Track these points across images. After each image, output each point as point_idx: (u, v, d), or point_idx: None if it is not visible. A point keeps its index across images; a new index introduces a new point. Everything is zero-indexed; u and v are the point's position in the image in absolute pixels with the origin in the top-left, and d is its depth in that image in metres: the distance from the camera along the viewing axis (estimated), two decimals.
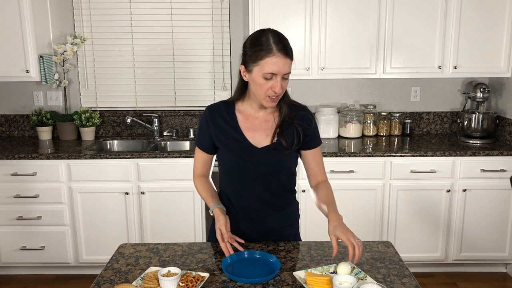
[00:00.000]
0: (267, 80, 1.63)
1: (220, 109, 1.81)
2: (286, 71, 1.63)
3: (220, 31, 3.67)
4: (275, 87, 1.63)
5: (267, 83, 1.64)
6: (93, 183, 3.21)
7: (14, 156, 3.15)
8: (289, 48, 1.64)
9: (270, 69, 1.61)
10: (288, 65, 1.63)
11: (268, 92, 1.65)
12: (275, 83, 1.63)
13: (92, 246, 3.31)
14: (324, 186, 1.81)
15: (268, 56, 1.60)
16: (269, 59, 1.60)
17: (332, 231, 1.58)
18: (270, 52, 1.60)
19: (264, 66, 1.61)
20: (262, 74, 1.62)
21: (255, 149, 1.75)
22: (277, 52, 1.60)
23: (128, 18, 3.65)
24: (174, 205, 3.26)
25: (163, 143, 3.68)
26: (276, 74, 1.62)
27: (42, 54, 3.37)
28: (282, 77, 1.63)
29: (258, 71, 1.63)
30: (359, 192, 3.22)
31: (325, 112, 3.57)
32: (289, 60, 1.63)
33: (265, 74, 1.62)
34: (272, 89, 1.64)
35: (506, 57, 3.32)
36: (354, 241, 1.53)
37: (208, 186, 1.87)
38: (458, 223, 3.26)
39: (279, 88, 1.63)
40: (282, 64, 1.61)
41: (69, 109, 3.75)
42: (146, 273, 1.57)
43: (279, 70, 1.61)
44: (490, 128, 3.47)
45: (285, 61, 1.61)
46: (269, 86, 1.64)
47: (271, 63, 1.60)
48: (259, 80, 1.64)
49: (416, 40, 3.32)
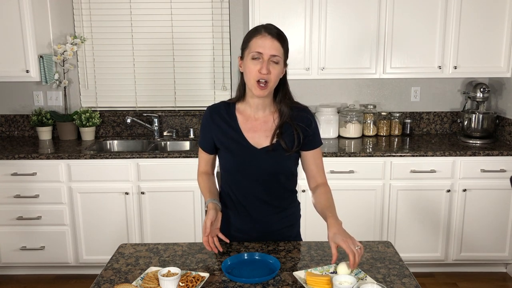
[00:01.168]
0: (255, 62, 1.66)
1: (221, 109, 1.82)
2: (273, 53, 1.65)
3: (220, 31, 3.67)
4: (261, 69, 1.64)
5: (255, 66, 1.66)
6: (93, 183, 3.21)
7: (14, 156, 3.15)
8: (279, 32, 1.68)
9: (256, 48, 1.65)
10: (275, 48, 1.65)
11: (256, 75, 1.66)
12: (262, 65, 1.65)
13: (92, 246, 3.31)
14: (324, 189, 1.80)
15: (255, 36, 1.67)
16: (256, 39, 1.66)
17: (332, 238, 1.57)
18: (257, 33, 1.67)
19: (252, 46, 1.67)
20: (250, 55, 1.66)
21: (255, 150, 1.75)
22: (264, 32, 1.66)
23: (128, 18, 3.64)
24: (174, 205, 3.26)
25: (163, 143, 3.68)
26: (262, 53, 1.64)
27: (42, 54, 3.37)
28: (271, 60, 1.65)
29: (247, 55, 1.68)
30: (359, 192, 3.22)
31: (325, 112, 3.57)
32: (277, 42, 1.66)
33: (253, 54, 1.65)
34: (260, 71, 1.65)
35: (506, 57, 3.32)
36: (355, 249, 1.51)
37: (209, 182, 1.88)
38: (458, 223, 3.26)
39: (265, 69, 1.64)
40: (269, 44, 1.64)
41: (69, 109, 3.75)
42: (146, 273, 1.57)
43: (265, 49, 1.64)
44: (490, 128, 3.47)
45: (272, 42, 1.65)
46: (257, 69, 1.65)
47: (258, 43, 1.65)
48: (249, 64, 1.67)
49: (416, 40, 3.32)
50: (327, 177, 1.87)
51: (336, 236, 1.57)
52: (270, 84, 1.68)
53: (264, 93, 1.69)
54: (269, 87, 1.68)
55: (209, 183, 1.88)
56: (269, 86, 1.68)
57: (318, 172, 1.83)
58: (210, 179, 1.90)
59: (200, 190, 1.89)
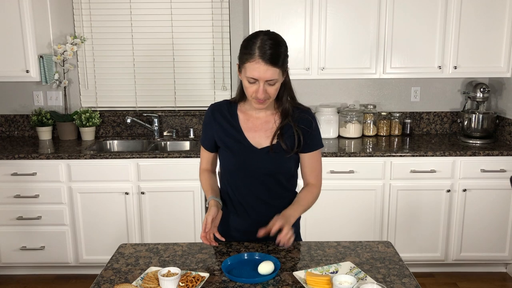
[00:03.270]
0: (251, 84, 1.65)
1: (223, 107, 1.83)
2: (268, 78, 1.61)
3: (220, 31, 3.67)
4: (257, 92, 1.63)
5: (252, 87, 1.65)
6: (93, 183, 3.21)
7: (14, 156, 3.15)
8: (275, 55, 1.60)
9: (251, 74, 1.62)
10: (270, 72, 1.60)
11: (253, 95, 1.66)
12: (258, 88, 1.63)
13: (92, 246, 3.31)
14: (309, 189, 1.84)
15: (249, 61, 1.61)
16: (250, 64, 1.61)
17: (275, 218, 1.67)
18: (251, 57, 1.60)
19: (247, 70, 1.63)
20: (246, 77, 1.64)
21: (255, 149, 1.76)
22: (258, 58, 1.59)
23: (128, 18, 3.64)
24: (174, 205, 3.26)
25: (163, 143, 3.69)
26: (257, 79, 1.62)
27: (42, 54, 3.37)
28: (268, 83, 1.63)
29: (244, 73, 1.66)
30: (359, 192, 3.22)
31: (325, 112, 3.57)
32: (272, 67, 1.60)
33: (248, 78, 1.63)
34: (256, 93, 1.64)
35: (506, 57, 3.32)
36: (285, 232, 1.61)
37: (210, 180, 1.90)
38: (458, 223, 3.26)
39: (261, 93, 1.63)
40: (263, 70, 1.59)
41: (69, 109, 3.75)
42: (146, 273, 1.57)
43: (260, 76, 1.61)
44: (490, 128, 3.47)
45: (267, 68, 1.59)
46: (254, 90, 1.65)
47: (252, 68, 1.61)
48: (245, 82, 1.66)
49: (416, 40, 3.32)
50: (327, 177, 1.88)
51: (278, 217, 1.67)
52: (269, 99, 1.69)
53: (263, 106, 1.71)
54: (268, 101, 1.70)
55: (210, 180, 1.89)
56: (268, 101, 1.69)
57: (312, 174, 1.85)
58: (212, 177, 1.92)
59: (202, 187, 1.91)
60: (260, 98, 1.65)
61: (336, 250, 1.76)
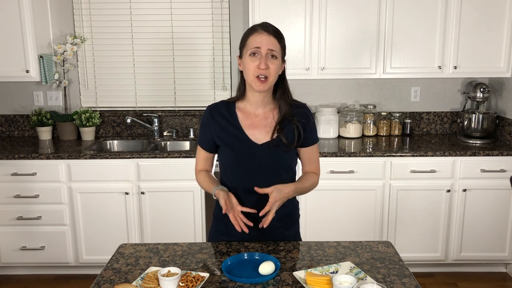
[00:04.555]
0: (253, 58, 1.71)
1: (221, 108, 1.85)
2: (270, 47, 1.70)
3: (220, 31, 3.67)
4: (260, 64, 1.69)
5: (254, 62, 1.71)
6: (93, 183, 3.21)
7: (14, 156, 3.15)
8: (275, 29, 1.75)
9: (254, 44, 1.71)
10: (272, 43, 1.71)
11: (256, 71, 1.71)
12: (260, 59, 1.70)
13: (92, 246, 3.31)
14: (309, 175, 1.89)
15: (252, 34, 1.74)
16: (253, 36, 1.73)
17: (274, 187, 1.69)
18: (254, 31, 1.74)
19: (249, 43, 1.73)
20: (249, 52, 1.72)
21: (256, 145, 1.78)
22: (260, 29, 1.73)
23: (128, 18, 3.64)
24: (174, 205, 3.26)
25: (163, 143, 3.69)
26: (260, 48, 1.69)
27: (42, 54, 3.37)
28: (269, 55, 1.70)
29: (246, 52, 1.74)
30: (359, 192, 3.21)
31: (325, 112, 3.57)
32: (274, 38, 1.72)
33: (251, 50, 1.71)
34: (258, 66, 1.70)
35: (506, 57, 3.32)
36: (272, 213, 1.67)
37: (209, 176, 1.90)
38: (458, 223, 3.26)
39: (263, 64, 1.70)
40: (266, 39, 1.71)
41: (69, 109, 3.75)
42: (146, 273, 1.57)
43: (262, 44, 1.70)
44: (490, 128, 3.47)
45: (269, 38, 1.71)
46: (256, 65, 1.70)
47: (255, 40, 1.72)
48: (247, 61, 1.72)
49: (416, 40, 3.32)
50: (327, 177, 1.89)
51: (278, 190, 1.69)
52: (270, 78, 1.73)
53: (265, 87, 1.73)
54: (269, 81, 1.73)
55: (209, 177, 1.90)
56: (269, 80, 1.73)
57: (311, 165, 1.91)
58: (210, 175, 1.92)
59: (202, 186, 1.91)
60: (262, 69, 1.69)
61: (336, 250, 1.76)
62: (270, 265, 1.56)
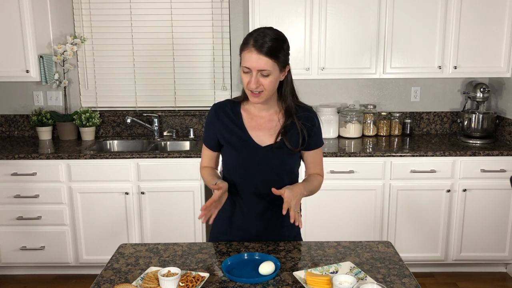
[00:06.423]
0: (246, 74, 1.67)
1: (226, 107, 1.84)
2: (261, 68, 1.62)
3: (220, 31, 3.67)
4: (250, 82, 1.65)
5: (246, 77, 1.67)
6: (93, 183, 3.21)
7: (14, 156, 3.15)
8: (267, 46, 1.62)
9: (244, 63, 1.65)
10: (262, 62, 1.62)
11: (247, 86, 1.67)
12: (251, 78, 1.65)
13: (92, 246, 3.31)
14: (314, 176, 1.88)
15: (244, 50, 1.66)
16: (244, 53, 1.65)
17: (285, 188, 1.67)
18: (246, 47, 1.65)
19: (242, 58, 1.67)
20: (241, 67, 1.68)
21: (259, 147, 1.77)
22: (251, 47, 1.63)
23: (128, 18, 3.64)
24: (174, 205, 3.26)
25: (163, 143, 3.69)
26: (250, 68, 1.64)
27: (42, 54, 3.37)
28: (261, 73, 1.64)
29: (241, 64, 1.69)
30: (359, 192, 3.22)
31: (325, 112, 3.57)
32: (264, 57, 1.62)
33: (243, 66, 1.66)
34: (249, 84, 1.66)
35: (506, 57, 3.32)
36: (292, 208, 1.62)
37: (212, 171, 1.89)
38: (458, 223, 3.26)
39: (253, 83, 1.65)
40: (255, 59, 1.62)
41: (69, 109, 3.75)
42: (146, 273, 1.57)
43: (252, 65, 1.63)
44: (490, 128, 3.47)
45: (258, 57, 1.62)
46: (247, 81, 1.66)
47: (246, 57, 1.65)
48: (242, 74, 1.69)
49: (416, 40, 3.32)
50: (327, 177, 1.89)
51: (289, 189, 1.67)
52: (265, 92, 1.69)
53: (259, 100, 1.71)
54: (264, 94, 1.69)
55: (212, 172, 1.88)
56: (264, 94, 1.69)
57: (315, 168, 1.90)
58: (214, 170, 1.91)
59: (204, 179, 1.89)
60: (252, 88, 1.66)
61: (336, 250, 1.76)
62: (270, 265, 1.56)
